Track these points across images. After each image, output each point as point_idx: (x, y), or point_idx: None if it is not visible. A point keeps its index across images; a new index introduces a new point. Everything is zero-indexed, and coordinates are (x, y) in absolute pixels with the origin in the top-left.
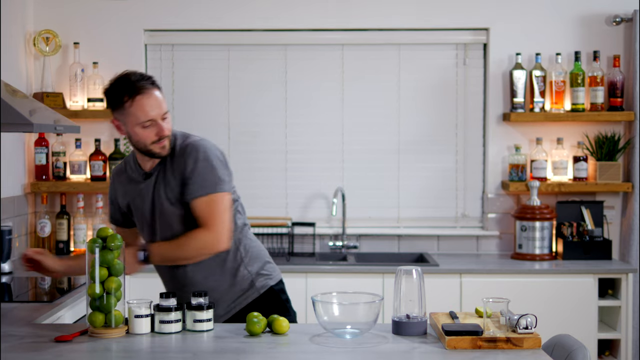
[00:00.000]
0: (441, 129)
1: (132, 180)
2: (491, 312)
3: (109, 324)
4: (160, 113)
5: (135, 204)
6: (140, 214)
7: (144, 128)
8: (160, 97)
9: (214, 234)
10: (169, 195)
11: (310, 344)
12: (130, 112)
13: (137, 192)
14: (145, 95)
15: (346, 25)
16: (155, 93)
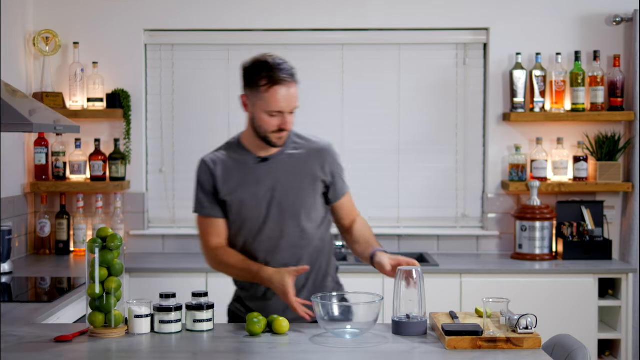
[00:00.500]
0: (441, 129)
1: (243, 166)
2: (491, 312)
3: (109, 324)
4: (290, 107)
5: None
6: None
7: (270, 116)
8: (295, 93)
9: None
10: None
11: (310, 344)
12: (264, 97)
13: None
14: (284, 87)
15: (346, 25)
16: (293, 88)
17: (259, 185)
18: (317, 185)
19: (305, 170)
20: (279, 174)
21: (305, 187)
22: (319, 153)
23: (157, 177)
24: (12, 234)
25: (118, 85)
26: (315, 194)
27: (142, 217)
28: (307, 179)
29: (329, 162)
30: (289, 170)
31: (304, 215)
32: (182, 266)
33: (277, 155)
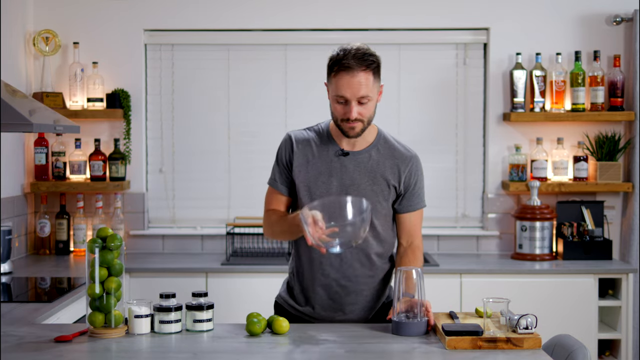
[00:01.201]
0: (441, 129)
1: (324, 154)
2: (491, 312)
3: (109, 324)
4: (355, 95)
5: (320, 179)
6: (325, 189)
7: (337, 103)
8: (363, 81)
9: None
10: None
11: (310, 344)
12: (332, 82)
13: (326, 166)
14: (349, 73)
15: (346, 25)
16: (360, 75)
17: (331, 177)
18: (389, 191)
19: (381, 173)
20: (354, 171)
21: (376, 190)
22: (399, 160)
23: (157, 177)
24: (12, 234)
25: (118, 85)
26: (384, 199)
27: (142, 217)
28: (381, 182)
29: (406, 172)
30: (364, 170)
31: (375, 216)
32: (182, 266)
33: (359, 153)
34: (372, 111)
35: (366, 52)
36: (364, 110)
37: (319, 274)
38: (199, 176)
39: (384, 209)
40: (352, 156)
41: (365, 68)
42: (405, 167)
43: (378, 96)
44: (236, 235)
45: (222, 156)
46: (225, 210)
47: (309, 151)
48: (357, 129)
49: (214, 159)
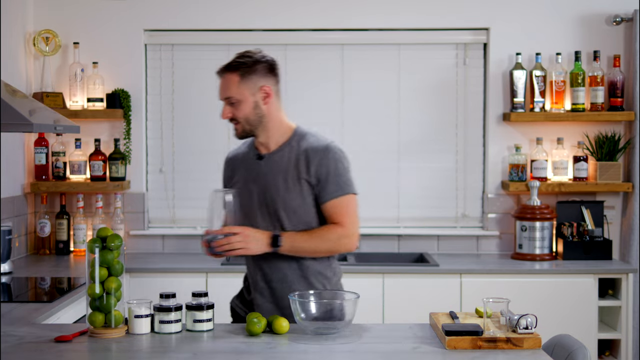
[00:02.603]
0: (441, 129)
1: (246, 161)
2: (491, 312)
3: (109, 324)
4: (222, 97)
5: (245, 187)
6: (248, 197)
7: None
8: (226, 82)
9: (348, 232)
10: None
11: (310, 344)
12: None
13: (248, 173)
14: (221, 76)
15: (346, 25)
16: (227, 76)
17: (253, 183)
18: (302, 186)
19: (293, 169)
20: (270, 173)
21: (289, 187)
22: (309, 153)
23: (157, 177)
24: (12, 234)
25: (118, 85)
26: (300, 195)
27: (142, 217)
28: (292, 178)
29: (316, 163)
30: (278, 170)
31: (288, 216)
32: (182, 266)
33: (273, 154)
34: (247, 112)
35: (242, 56)
36: (235, 111)
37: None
38: (199, 176)
39: (299, 206)
40: (267, 158)
41: (230, 71)
42: (314, 158)
43: (261, 98)
44: None
45: (222, 156)
46: None
47: (237, 164)
48: (239, 129)
49: (214, 159)
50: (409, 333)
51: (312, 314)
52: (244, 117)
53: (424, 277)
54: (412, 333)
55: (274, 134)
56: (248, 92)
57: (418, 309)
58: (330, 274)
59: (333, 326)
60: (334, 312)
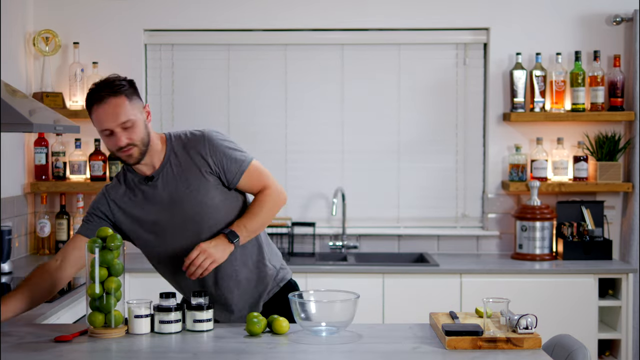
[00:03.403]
0: (441, 129)
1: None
2: (491, 312)
3: (109, 324)
4: (116, 123)
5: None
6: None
7: (105, 137)
8: (119, 106)
9: (273, 190)
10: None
11: (310, 344)
12: (93, 120)
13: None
14: (102, 104)
15: (346, 25)
16: (113, 101)
17: (154, 205)
18: (207, 180)
19: (191, 171)
20: (167, 186)
21: (198, 189)
22: (196, 147)
23: None
24: (12, 234)
25: None
26: (209, 190)
27: None
28: (196, 180)
29: (208, 151)
30: (177, 180)
31: (210, 216)
32: None
33: (162, 169)
34: (142, 133)
35: (113, 80)
36: (132, 134)
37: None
38: None
39: (219, 201)
40: (158, 177)
41: (115, 94)
42: (204, 148)
43: (147, 116)
44: None
45: None
46: None
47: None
48: (135, 154)
49: None
50: (409, 333)
51: (312, 314)
52: (140, 139)
53: (424, 277)
54: (412, 333)
55: (156, 150)
56: (138, 112)
57: (418, 309)
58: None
59: (333, 326)
60: (334, 312)
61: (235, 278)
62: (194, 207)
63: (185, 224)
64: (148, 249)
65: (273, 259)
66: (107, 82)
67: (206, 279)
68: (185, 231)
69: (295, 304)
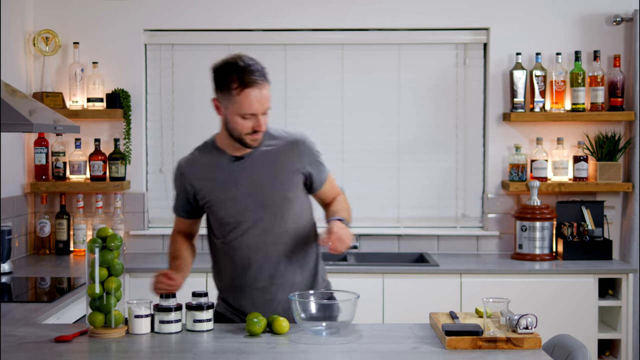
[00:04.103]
0: (441, 129)
1: (219, 167)
2: (491, 312)
3: (109, 324)
4: (263, 109)
5: (224, 190)
6: (232, 199)
7: (243, 119)
8: (267, 94)
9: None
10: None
11: (310, 344)
12: (236, 100)
13: (226, 177)
14: (256, 89)
15: (346, 25)
16: (265, 88)
17: (237, 185)
18: (296, 178)
19: (282, 164)
20: (255, 171)
21: (284, 182)
22: (293, 146)
23: (157, 177)
24: (12, 234)
25: (118, 85)
26: (295, 187)
27: (142, 217)
28: (285, 173)
29: (305, 153)
30: (265, 167)
31: (286, 210)
32: None
33: (252, 153)
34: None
35: (259, 63)
36: (266, 120)
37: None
38: None
39: (295, 197)
40: (247, 158)
41: (266, 81)
42: (302, 148)
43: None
44: None
45: None
46: None
47: (204, 171)
48: (260, 138)
49: None
50: (409, 333)
51: (312, 314)
52: (266, 124)
53: (424, 277)
54: (412, 333)
55: None
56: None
57: (418, 309)
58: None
59: (333, 326)
60: (334, 312)
61: (291, 279)
62: (276, 198)
63: (260, 211)
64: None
65: (322, 271)
66: (257, 67)
67: (264, 273)
68: (258, 220)
69: (295, 303)
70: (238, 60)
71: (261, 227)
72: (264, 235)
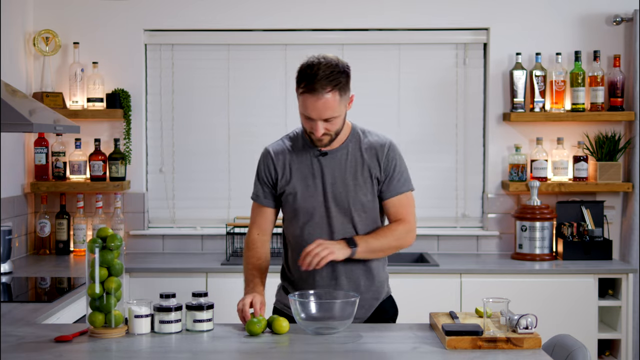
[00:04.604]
0: (441, 129)
1: (303, 158)
2: (491, 312)
3: (109, 324)
4: (320, 116)
5: (305, 182)
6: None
7: (305, 118)
8: (328, 103)
9: (411, 227)
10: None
11: (310, 344)
12: (299, 99)
13: (308, 169)
14: (314, 96)
15: (346, 25)
16: (325, 97)
17: (315, 179)
18: (371, 182)
19: (361, 166)
20: (335, 168)
21: (359, 184)
22: (376, 149)
23: (157, 177)
24: (12, 234)
25: (118, 85)
26: (369, 190)
27: (142, 217)
28: (363, 175)
29: (384, 159)
30: (345, 166)
31: (357, 211)
32: (182, 266)
33: (337, 150)
34: (340, 124)
35: (334, 69)
36: (330, 126)
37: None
38: (199, 176)
39: (369, 202)
40: (331, 155)
41: (331, 89)
42: (382, 153)
43: (349, 105)
44: (236, 235)
45: (222, 156)
46: (225, 210)
47: (288, 159)
48: (325, 141)
49: (214, 159)
50: (409, 333)
51: (312, 314)
52: (335, 130)
53: (424, 277)
54: (412, 333)
55: (341, 134)
56: (344, 106)
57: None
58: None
59: (333, 326)
60: (334, 312)
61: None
62: (349, 198)
63: (331, 207)
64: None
65: (384, 270)
66: (329, 72)
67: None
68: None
69: (295, 303)
70: (311, 65)
71: (329, 223)
72: (331, 232)
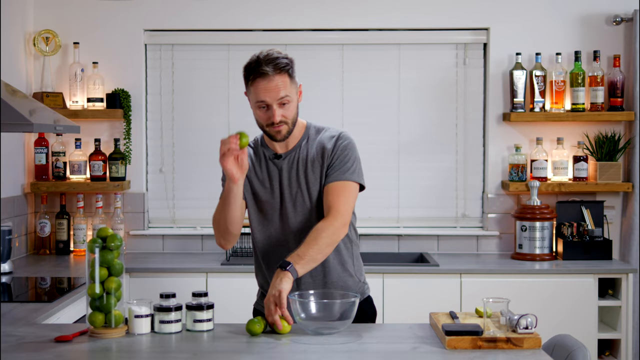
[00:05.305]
0: (441, 129)
1: (260, 161)
2: (491, 312)
3: (109, 324)
4: (275, 98)
5: (262, 186)
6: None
7: (259, 109)
8: (280, 83)
9: (339, 220)
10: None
11: (310, 344)
12: (251, 90)
13: (265, 173)
14: (265, 79)
15: (346, 25)
16: (276, 79)
17: (272, 181)
18: (322, 175)
19: (312, 162)
20: (290, 170)
21: (311, 181)
22: (326, 142)
23: (157, 177)
24: (12, 234)
25: (118, 85)
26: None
27: (142, 217)
28: (314, 172)
29: (331, 148)
30: (299, 166)
31: (314, 209)
32: (182, 266)
33: (291, 152)
34: (295, 112)
35: (278, 56)
36: (286, 112)
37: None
38: (199, 176)
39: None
40: (285, 157)
41: (279, 71)
42: (331, 143)
43: (298, 97)
44: None
45: None
46: None
47: (250, 165)
48: (284, 131)
49: (214, 159)
50: (409, 333)
51: (312, 314)
52: (292, 118)
53: (424, 277)
54: (412, 333)
55: (295, 132)
56: (295, 91)
57: (418, 309)
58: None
59: (333, 326)
60: (334, 312)
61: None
62: (304, 197)
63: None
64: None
65: (358, 272)
66: (273, 57)
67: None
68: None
69: (295, 303)
70: (259, 53)
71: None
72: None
